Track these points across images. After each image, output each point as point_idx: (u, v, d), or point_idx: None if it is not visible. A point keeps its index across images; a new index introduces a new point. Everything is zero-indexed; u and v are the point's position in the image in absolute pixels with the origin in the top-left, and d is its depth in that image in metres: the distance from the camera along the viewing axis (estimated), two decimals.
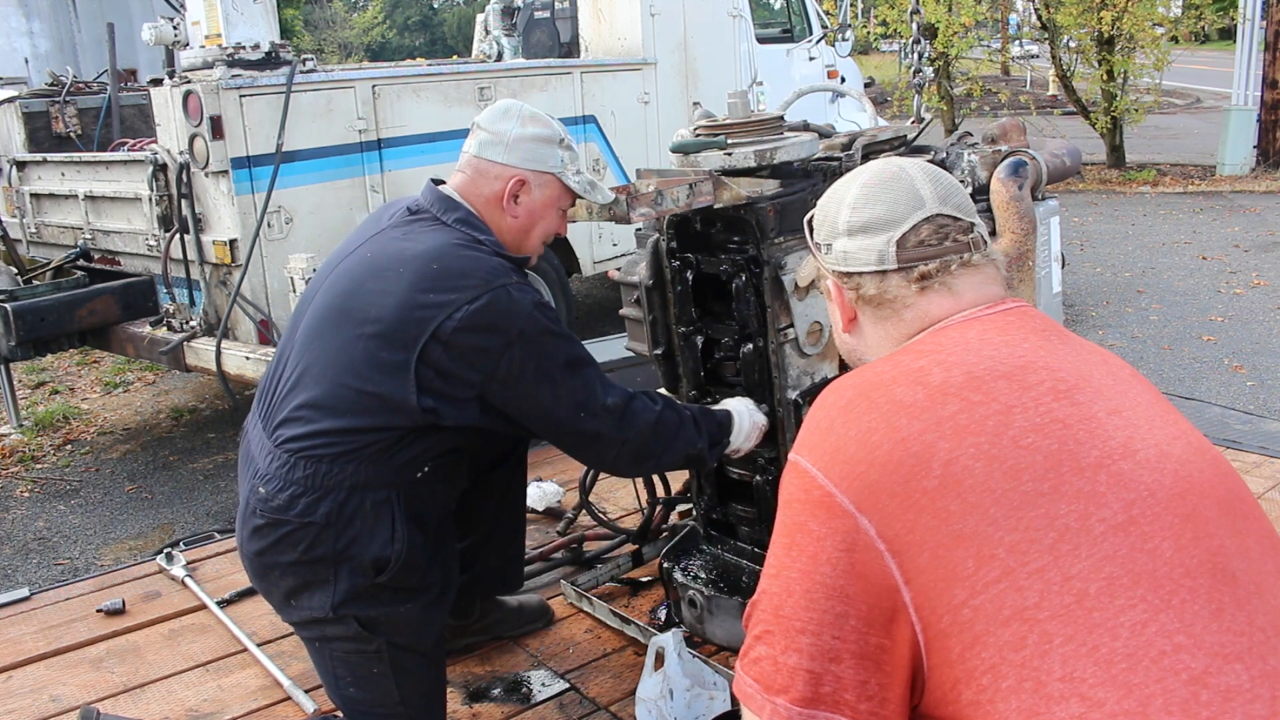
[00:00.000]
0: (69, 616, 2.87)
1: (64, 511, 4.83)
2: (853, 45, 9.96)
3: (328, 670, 2.02)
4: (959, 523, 1.03)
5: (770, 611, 1.12)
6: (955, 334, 1.23)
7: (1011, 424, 1.08)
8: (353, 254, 2.02)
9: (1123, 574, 1.00)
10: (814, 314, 2.24)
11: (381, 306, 1.87)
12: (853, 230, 1.32)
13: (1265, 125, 13.00)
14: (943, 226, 1.28)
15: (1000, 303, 1.27)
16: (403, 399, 1.84)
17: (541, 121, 2.06)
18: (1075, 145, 2.59)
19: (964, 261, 1.27)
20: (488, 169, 2.03)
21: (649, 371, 2.62)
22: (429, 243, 1.93)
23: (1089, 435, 1.08)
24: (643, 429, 2.04)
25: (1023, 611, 0.99)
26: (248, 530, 1.92)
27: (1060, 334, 1.24)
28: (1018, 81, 24.56)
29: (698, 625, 2.50)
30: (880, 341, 1.33)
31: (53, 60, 10.02)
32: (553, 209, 2.10)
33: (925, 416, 1.10)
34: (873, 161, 1.41)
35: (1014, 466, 1.05)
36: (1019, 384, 1.12)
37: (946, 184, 1.32)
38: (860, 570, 1.05)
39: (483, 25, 7.83)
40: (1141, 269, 8.56)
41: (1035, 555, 1.00)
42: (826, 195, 1.40)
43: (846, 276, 1.34)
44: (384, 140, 5.14)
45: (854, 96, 5.95)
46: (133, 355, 5.26)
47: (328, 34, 38.78)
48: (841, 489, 1.09)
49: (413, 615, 1.96)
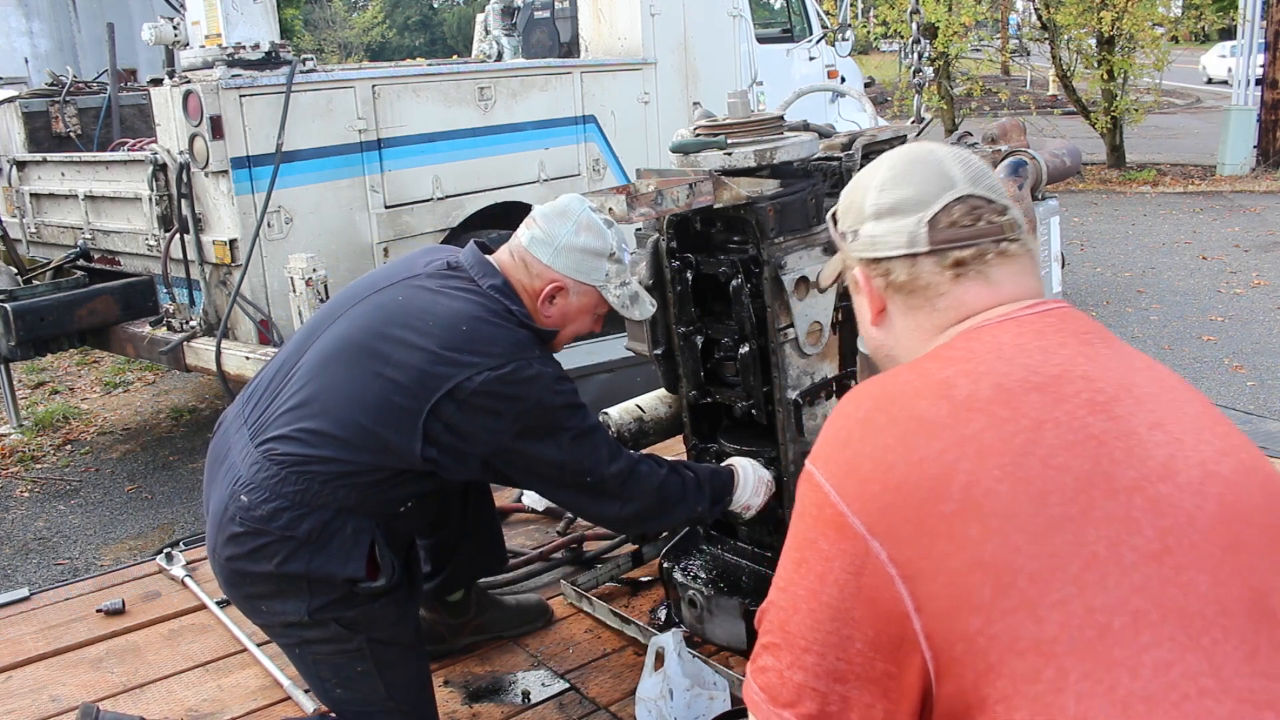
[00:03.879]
0: (69, 616, 2.87)
1: (64, 511, 4.83)
2: (853, 45, 9.96)
3: (312, 673, 2.03)
4: (977, 549, 0.97)
5: (778, 624, 1.09)
6: (988, 337, 1.14)
7: (1041, 442, 1.01)
8: (382, 291, 2.02)
9: (1151, 608, 0.93)
10: (814, 314, 2.25)
11: (405, 355, 1.89)
12: (881, 213, 1.24)
13: (1265, 125, 13.01)
14: (976, 208, 1.20)
15: (1040, 302, 1.19)
16: (407, 447, 1.87)
17: (595, 231, 2.03)
18: (1075, 145, 2.59)
19: (1000, 251, 1.20)
20: (532, 264, 2.04)
21: (649, 371, 2.62)
22: (461, 304, 1.95)
23: (1125, 453, 1.01)
24: (647, 493, 2.07)
25: (1040, 644, 0.93)
26: (223, 536, 1.91)
27: (1103, 337, 1.16)
28: (1018, 81, 24.55)
29: (698, 625, 2.50)
30: (911, 334, 1.24)
31: (53, 60, 10.02)
32: (587, 315, 2.11)
33: (946, 435, 1.03)
34: (899, 146, 1.34)
35: (1041, 489, 0.98)
36: (1052, 396, 1.05)
37: (977, 166, 1.25)
38: (868, 594, 1.01)
39: (483, 25, 7.83)
40: (1141, 269, 8.56)
41: (1058, 585, 0.94)
42: (851, 184, 1.33)
43: (875, 263, 1.25)
44: (384, 140, 5.14)
45: (854, 96, 5.93)
46: (133, 355, 5.27)
47: (328, 34, 38.80)
48: (854, 509, 1.04)
49: (388, 610, 1.97)
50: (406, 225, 5.28)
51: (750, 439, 2.42)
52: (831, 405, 2.36)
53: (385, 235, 5.17)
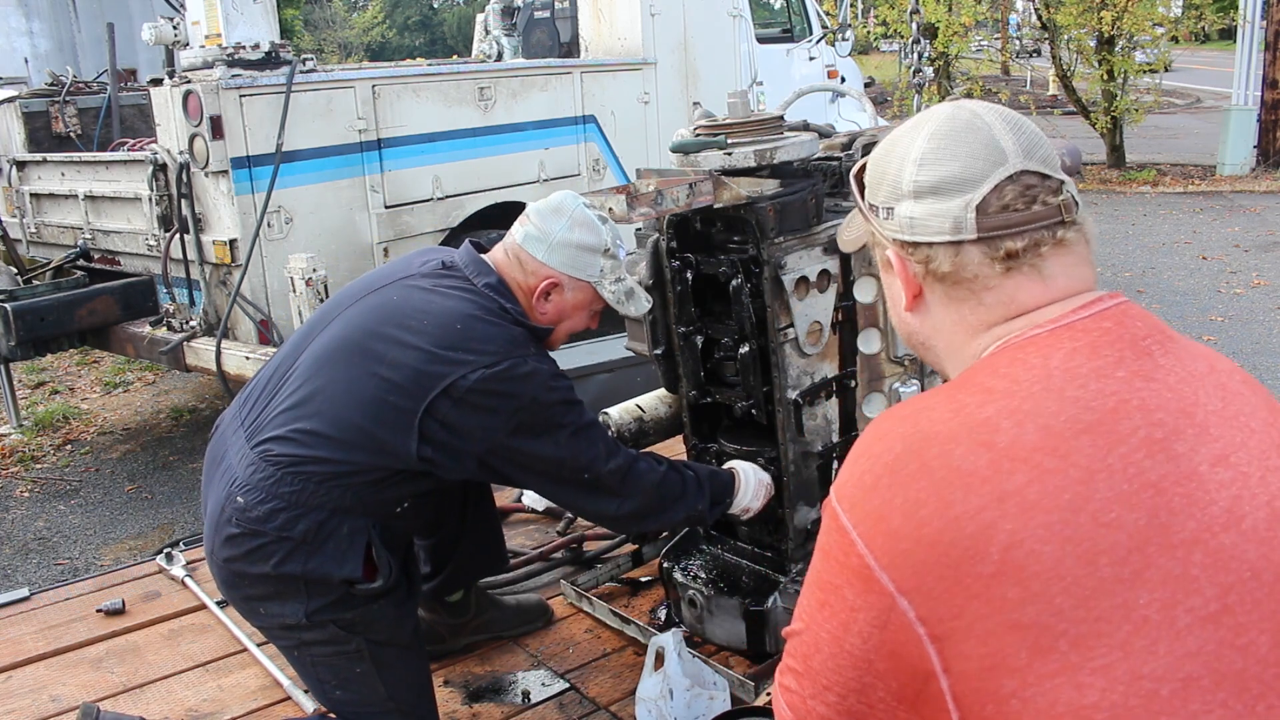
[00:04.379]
0: (69, 616, 2.87)
1: (64, 511, 4.83)
2: (853, 45, 9.96)
3: (311, 675, 2.03)
4: (1016, 611, 0.90)
5: (801, 656, 1.05)
6: (1037, 361, 1.02)
7: (1093, 496, 0.92)
8: (377, 292, 2.02)
9: (1204, 674, 0.87)
10: (814, 314, 2.25)
11: (399, 354, 1.89)
12: (920, 192, 1.09)
13: (1265, 125, 13.01)
14: (1030, 188, 1.06)
15: (1096, 299, 1.07)
16: (402, 446, 1.87)
17: (590, 227, 2.04)
18: (1075, 145, 2.59)
19: (1057, 240, 1.06)
20: (527, 261, 2.05)
21: (649, 371, 2.62)
22: (456, 302, 1.96)
23: (1185, 501, 0.93)
24: (646, 490, 2.08)
25: (1078, 710, 0.87)
26: (220, 537, 1.91)
27: (1162, 339, 1.04)
28: (1018, 81, 24.56)
29: (698, 625, 2.50)
30: (952, 327, 1.12)
31: (53, 60, 10.02)
32: (583, 311, 2.12)
33: (986, 490, 0.94)
34: (939, 106, 1.16)
35: (1091, 550, 0.90)
36: (1106, 439, 0.95)
37: (1030, 133, 1.09)
38: (892, 649, 0.95)
39: (483, 25, 7.83)
40: (1142, 269, 8.56)
41: (1103, 650, 0.88)
42: (884, 148, 1.16)
43: (914, 247, 1.11)
44: (384, 140, 5.14)
45: (854, 96, 5.93)
46: (133, 355, 5.27)
47: (328, 34, 38.79)
48: (881, 564, 0.96)
49: (386, 611, 1.97)
50: (406, 225, 5.28)
51: (750, 439, 2.42)
52: (831, 405, 2.36)
53: (385, 235, 5.17)
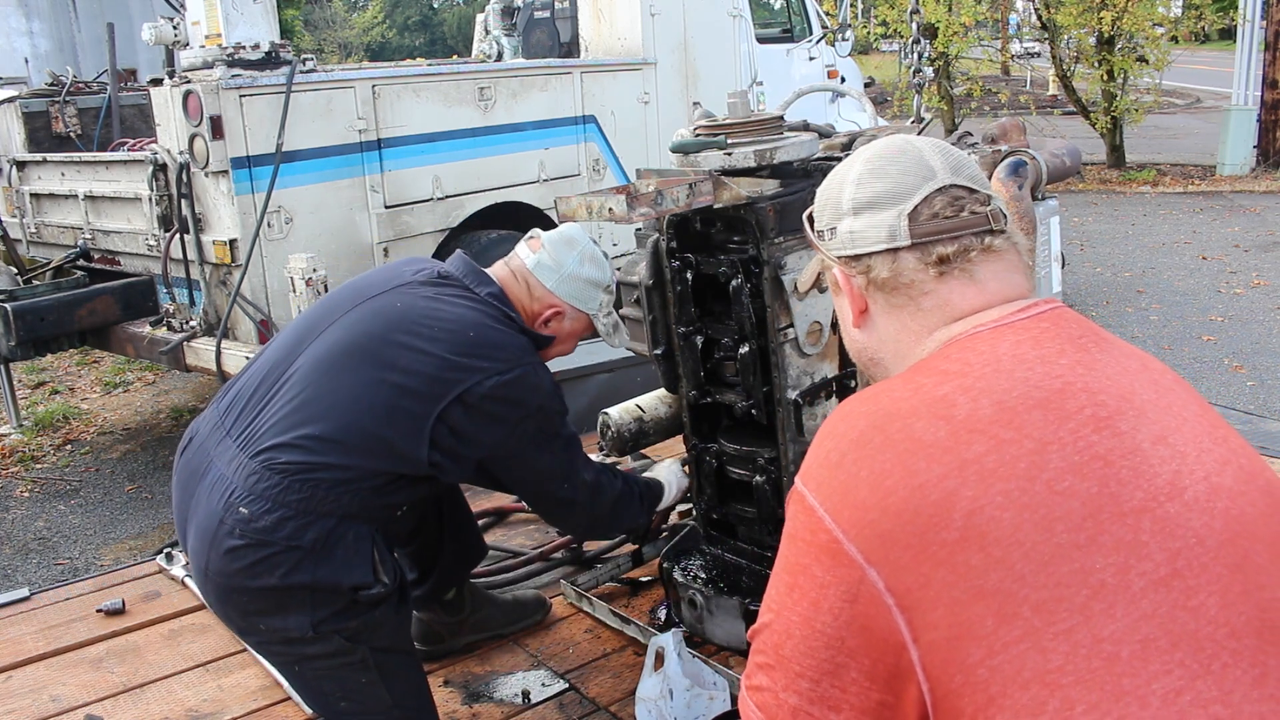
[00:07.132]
0: (69, 616, 2.87)
1: (64, 511, 4.83)
2: (853, 45, 9.97)
3: (313, 689, 2.01)
4: (980, 578, 0.94)
5: (771, 647, 1.07)
6: (985, 348, 1.10)
7: (1046, 465, 0.98)
8: (375, 299, 2.02)
9: (1160, 635, 0.91)
10: (814, 314, 2.25)
11: (413, 359, 1.91)
12: (859, 208, 1.20)
13: (1265, 125, 13.02)
14: (958, 199, 1.17)
15: (1032, 304, 1.15)
16: (412, 451, 1.89)
17: (598, 264, 2.18)
18: (1075, 145, 2.59)
19: (985, 246, 1.16)
20: (535, 287, 2.15)
21: (649, 371, 2.62)
22: (464, 310, 2.01)
23: (1132, 473, 0.98)
24: (606, 503, 2.22)
25: (1044, 674, 0.91)
26: (218, 551, 1.83)
27: (1097, 339, 1.12)
28: (1018, 81, 24.55)
29: (698, 625, 2.50)
30: (896, 335, 1.21)
31: (53, 60, 10.02)
32: (574, 339, 2.25)
33: (947, 459, 0.99)
34: (875, 140, 1.30)
35: (1047, 516, 0.95)
36: (1056, 414, 1.01)
37: (957, 157, 1.21)
38: (863, 623, 0.98)
39: (483, 25, 7.83)
40: (1141, 269, 8.56)
41: (1064, 615, 0.92)
42: (825, 182, 1.28)
43: (854, 260, 1.21)
44: (384, 140, 5.14)
45: (854, 96, 5.93)
46: (133, 355, 5.27)
47: (328, 34, 38.79)
48: (849, 536, 1.00)
49: (387, 618, 1.96)
50: (406, 225, 5.28)
51: (750, 439, 2.43)
52: (832, 405, 2.36)
53: (385, 235, 5.17)
